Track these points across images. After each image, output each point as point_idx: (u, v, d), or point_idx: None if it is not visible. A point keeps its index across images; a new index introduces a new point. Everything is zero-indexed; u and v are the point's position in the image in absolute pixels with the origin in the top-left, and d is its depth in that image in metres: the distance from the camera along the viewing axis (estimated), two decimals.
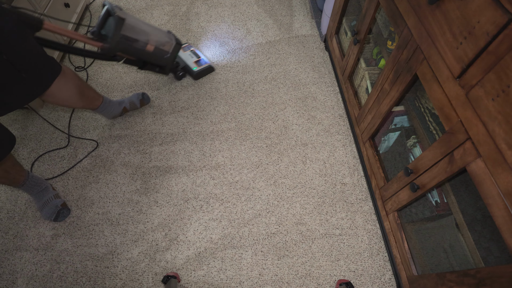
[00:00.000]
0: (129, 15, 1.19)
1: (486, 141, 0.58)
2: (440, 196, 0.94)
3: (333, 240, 1.17)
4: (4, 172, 1.04)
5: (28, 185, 1.16)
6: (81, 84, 1.16)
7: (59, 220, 1.21)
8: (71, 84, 1.09)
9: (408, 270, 0.97)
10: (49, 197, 1.21)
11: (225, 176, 1.32)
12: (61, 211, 1.20)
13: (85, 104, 1.21)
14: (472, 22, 0.59)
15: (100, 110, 1.33)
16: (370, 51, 1.38)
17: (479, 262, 0.74)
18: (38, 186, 1.19)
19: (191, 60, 1.64)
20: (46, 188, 1.22)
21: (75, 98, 1.14)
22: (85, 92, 1.18)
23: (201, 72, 1.62)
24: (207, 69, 1.64)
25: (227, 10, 1.98)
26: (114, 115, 1.42)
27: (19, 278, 1.10)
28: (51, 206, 1.19)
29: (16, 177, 1.09)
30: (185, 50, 1.70)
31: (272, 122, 1.48)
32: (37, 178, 1.20)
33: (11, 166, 1.06)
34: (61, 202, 1.22)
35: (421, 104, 0.99)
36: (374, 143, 1.23)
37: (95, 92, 1.26)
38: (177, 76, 1.61)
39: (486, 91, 0.57)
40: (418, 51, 0.79)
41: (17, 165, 1.10)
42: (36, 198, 1.21)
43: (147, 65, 1.38)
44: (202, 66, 1.62)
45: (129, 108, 1.47)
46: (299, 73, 1.67)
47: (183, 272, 1.11)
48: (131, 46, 1.21)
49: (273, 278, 1.10)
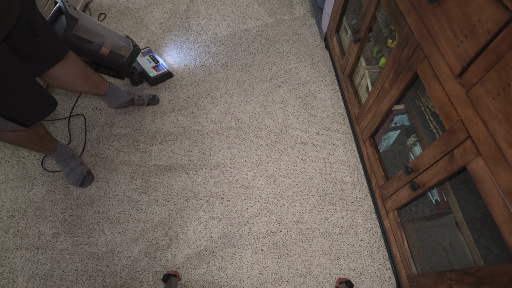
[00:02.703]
0: (84, 15, 1.18)
1: (486, 140, 0.58)
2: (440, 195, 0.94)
3: (333, 238, 1.17)
4: (39, 140, 1.11)
5: (58, 152, 1.23)
6: (86, 67, 1.17)
7: (84, 185, 1.28)
8: (75, 67, 1.11)
9: (408, 269, 0.97)
10: (75, 164, 1.28)
11: (225, 174, 1.32)
12: (86, 177, 1.28)
13: (90, 88, 1.22)
14: (473, 20, 0.59)
15: (106, 96, 1.33)
16: (370, 49, 1.37)
17: (479, 260, 0.74)
18: (66, 154, 1.27)
19: (149, 66, 1.59)
20: (73, 156, 1.29)
21: (80, 81, 1.15)
22: (90, 75, 1.19)
23: (158, 78, 1.57)
24: (165, 74, 1.59)
25: (227, 8, 1.97)
26: (120, 103, 1.40)
27: (20, 276, 1.11)
28: (77, 173, 1.27)
29: (48, 144, 1.17)
30: (144, 55, 1.64)
31: (272, 121, 1.48)
32: (65, 146, 1.27)
33: (44, 134, 1.14)
34: (86, 170, 1.29)
35: (421, 102, 0.99)
36: (374, 142, 1.23)
37: (100, 77, 1.27)
38: (133, 81, 1.56)
39: (487, 89, 0.57)
40: (419, 50, 0.79)
41: (48, 133, 1.18)
42: (63, 165, 1.27)
43: (100, 68, 1.36)
44: (160, 72, 1.57)
45: (137, 101, 1.46)
46: (299, 71, 1.66)
47: (183, 270, 1.11)
48: (84, 46, 1.20)
49: (273, 276, 1.10)
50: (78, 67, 1.12)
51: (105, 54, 1.28)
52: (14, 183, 1.30)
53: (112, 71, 1.41)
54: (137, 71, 1.58)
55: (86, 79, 1.17)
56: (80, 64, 1.13)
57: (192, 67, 1.68)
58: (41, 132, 1.12)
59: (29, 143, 1.08)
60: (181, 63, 1.70)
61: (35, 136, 1.09)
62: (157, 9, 1.97)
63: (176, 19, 1.91)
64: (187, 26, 1.88)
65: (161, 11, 1.96)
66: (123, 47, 1.35)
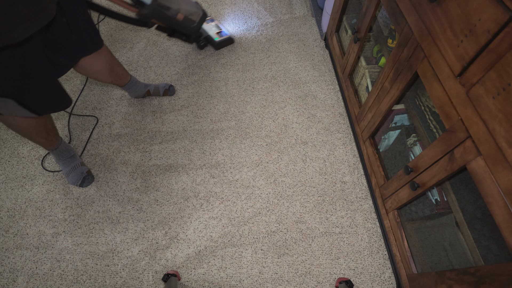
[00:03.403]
0: None
1: (486, 140, 0.58)
2: (440, 195, 0.94)
3: (333, 238, 1.17)
4: (46, 133, 1.14)
5: (60, 149, 1.25)
6: (112, 61, 1.24)
7: (84, 185, 1.29)
8: (103, 60, 1.18)
9: (408, 268, 0.97)
10: (75, 164, 1.29)
11: (225, 174, 1.32)
12: (86, 177, 1.29)
13: (113, 80, 1.30)
14: (473, 20, 0.59)
15: (126, 87, 1.43)
16: (370, 49, 1.37)
17: (479, 260, 0.74)
18: (67, 153, 1.28)
19: (213, 31, 1.74)
20: (73, 156, 1.30)
21: (105, 73, 1.22)
22: (115, 69, 1.27)
23: (222, 42, 1.73)
24: (227, 40, 1.74)
25: (227, 8, 1.97)
26: (138, 95, 1.51)
27: (20, 276, 1.11)
28: (77, 172, 1.28)
29: (53, 139, 1.19)
30: (208, 23, 1.79)
31: (272, 121, 1.48)
32: (67, 145, 1.29)
33: (52, 129, 1.17)
34: (86, 169, 1.30)
35: (421, 102, 0.99)
36: (374, 142, 1.23)
37: (124, 70, 1.35)
38: (200, 45, 1.73)
39: (487, 89, 0.57)
40: (419, 49, 0.79)
41: (55, 128, 1.20)
42: (63, 163, 1.28)
43: (175, 33, 1.47)
44: (223, 37, 1.73)
45: (152, 92, 1.54)
46: (299, 71, 1.66)
47: (183, 270, 1.11)
48: (164, 13, 1.29)
49: (273, 276, 1.10)
50: (106, 60, 1.19)
51: (180, 20, 1.38)
52: (14, 183, 1.30)
53: (184, 35, 1.52)
54: (203, 36, 1.72)
55: (111, 71, 1.24)
56: (108, 58, 1.20)
57: (191, 67, 1.68)
58: (49, 127, 1.15)
59: (35, 135, 1.11)
60: (180, 63, 1.70)
61: (43, 129, 1.11)
62: None
63: None
64: None
65: None
66: (194, 13, 1.45)
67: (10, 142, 1.41)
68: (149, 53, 1.75)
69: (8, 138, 1.42)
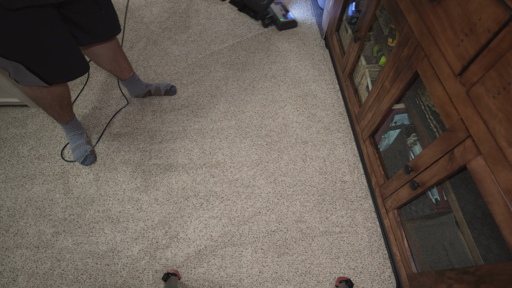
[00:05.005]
0: None
1: (486, 139, 0.58)
2: (440, 194, 0.94)
3: (333, 237, 1.17)
4: (59, 108, 1.18)
5: (71, 125, 1.30)
6: (118, 50, 1.26)
7: (85, 164, 1.32)
8: (108, 47, 1.20)
9: (408, 268, 0.97)
10: (82, 141, 1.34)
11: (225, 174, 1.32)
12: (88, 156, 1.32)
13: (113, 69, 1.31)
14: (474, 19, 0.59)
15: (126, 83, 1.44)
16: (370, 48, 1.37)
17: (479, 259, 0.74)
18: (77, 129, 1.33)
19: (280, 12, 1.84)
20: (82, 133, 1.35)
21: (106, 59, 1.24)
22: (118, 59, 1.29)
23: (286, 24, 1.82)
24: (291, 22, 1.82)
25: (227, 7, 1.97)
26: (138, 93, 1.52)
27: (20, 275, 1.11)
28: (81, 150, 1.32)
29: (65, 115, 1.24)
30: (276, 4, 1.90)
31: (272, 120, 1.48)
32: (78, 123, 1.34)
33: (67, 105, 1.21)
34: (90, 149, 1.35)
35: (421, 101, 0.99)
36: (374, 141, 1.23)
37: (128, 64, 1.37)
38: (264, 23, 1.83)
39: (487, 88, 0.57)
40: (419, 49, 0.79)
41: (70, 105, 1.25)
42: (72, 139, 1.33)
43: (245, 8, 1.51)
44: (288, 19, 1.82)
45: (154, 92, 1.54)
46: (299, 70, 1.66)
47: (183, 269, 1.11)
48: None
49: (273, 275, 1.10)
50: (110, 48, 1.21)
51: None
52: (14, 182, 1.30)
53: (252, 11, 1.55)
54: (269, 15, 1.83)
55: (113, 60, 1.26)
56: (113, 46, 1.22)
57: (191, 66, 1.68)
58: (65, 103, 1.18)
59: (49, 108, 1.15)
60: (180, 62, 1.70)
61: (57, 104, 1.15)
62: (157, 8, 1.97)
63: (176, 18, 1.91)
64: (186, 25, 1.87)
65: (161, 10, 1.96)
66: None
67: (10, 142, 1.41)
68: (149, 52, 1.74)
69: (8, 138, 1.42)
